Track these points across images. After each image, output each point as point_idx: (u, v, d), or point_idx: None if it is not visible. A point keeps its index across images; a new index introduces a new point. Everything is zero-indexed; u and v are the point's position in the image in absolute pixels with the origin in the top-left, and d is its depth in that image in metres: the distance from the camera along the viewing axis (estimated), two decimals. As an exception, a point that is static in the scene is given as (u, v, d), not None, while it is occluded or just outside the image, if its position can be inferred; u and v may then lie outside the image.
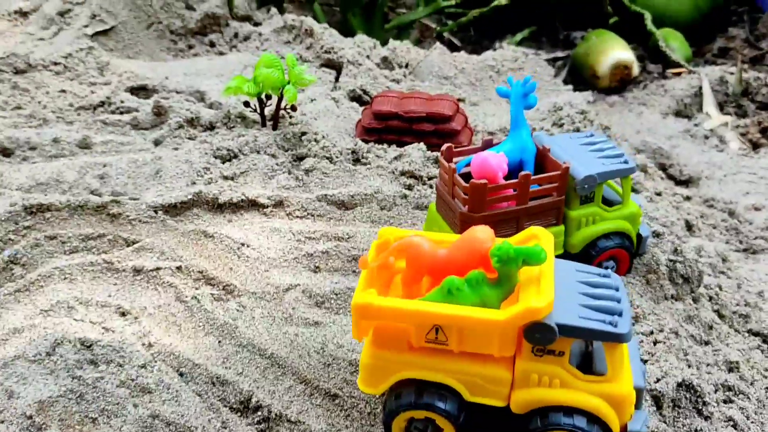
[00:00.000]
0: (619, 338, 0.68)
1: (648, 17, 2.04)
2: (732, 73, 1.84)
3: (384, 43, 1.66)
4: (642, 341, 0.90)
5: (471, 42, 2.21)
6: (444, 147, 0.93)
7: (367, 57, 1.56)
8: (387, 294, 0.77)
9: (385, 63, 1.56)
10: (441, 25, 2.25)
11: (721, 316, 1.05)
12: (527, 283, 0.71)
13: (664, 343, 0.90)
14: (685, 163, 1.51)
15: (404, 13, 2.16)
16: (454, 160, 0.94)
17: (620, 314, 0.69)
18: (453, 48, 2.13)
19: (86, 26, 1.60)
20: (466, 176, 0.93)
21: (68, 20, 1.64)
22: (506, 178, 0.89)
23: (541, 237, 0.75)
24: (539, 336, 0.68)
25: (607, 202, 0.97)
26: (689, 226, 1.28)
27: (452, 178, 0.89)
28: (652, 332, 0.91)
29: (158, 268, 0.98)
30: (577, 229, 0.93)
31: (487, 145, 0.95)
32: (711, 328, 1.01)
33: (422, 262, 0.74)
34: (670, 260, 1.00)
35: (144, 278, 0.98)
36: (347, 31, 1.89)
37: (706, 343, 0.98)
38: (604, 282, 0.73)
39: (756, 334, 1.05)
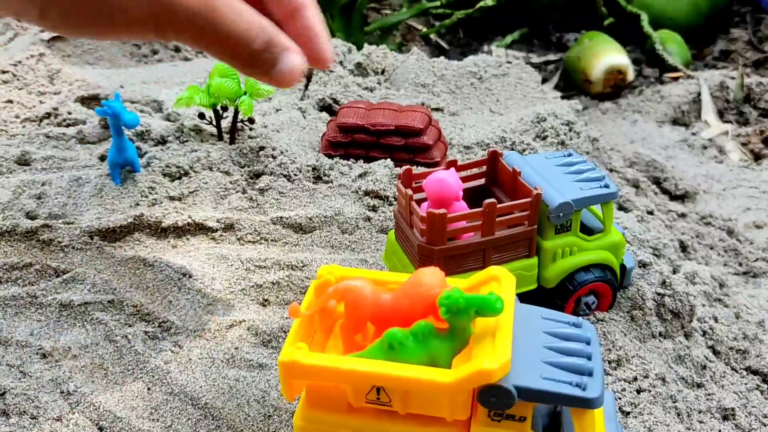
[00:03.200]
0: (587, 403, 0.58)
1: (645, 18, 1.94)
2: (733, 78, 1.73)
3: (362, 46, 1.56)
4: (624, 389, 0.80)
5: (459, 44, 2.11)
6: (402, 170, 0.83)
7: (340, 63, 1.46)
8: (327, 342, 0.67)
9: (359, 69, 1.45)
10: (428, 26, 2.15)
11: (716, 353, 0.95)
12: (482, 336, 0.60)
13: (649, 391, 0.80)
14: (681, 176, 1.40)
15: (389, 14, 2.06)
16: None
17: (590, 374, 0.59)
18: (440, 51, 2.04)
19: (42, 31, 1.50)
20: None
21: (24, 25, 1.54)
22: None
23: (502, 279, 0.65)
24: (495, 400, 0.58)
25: (587, 230, 0.86)
26: (684, 248, 1.18)
27: (409, 205, 0.79)
28: (635, 378, 0.81)
29: (87, 303, 0.88)
30: (552, 261, 0.83)
31: (451, 166, 0.85)
32: (704, 367, 0.90)
33: (363, 311, 0.64)
34: (658, 294, 0.90)
35: (71, 314, 0.88)
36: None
37: (699, 385, 0.88)
38: (573, 334, 0.63)
39: (755, 372, 0.95)
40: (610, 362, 0.83)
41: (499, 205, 0.77)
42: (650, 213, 1.21)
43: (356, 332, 0.66)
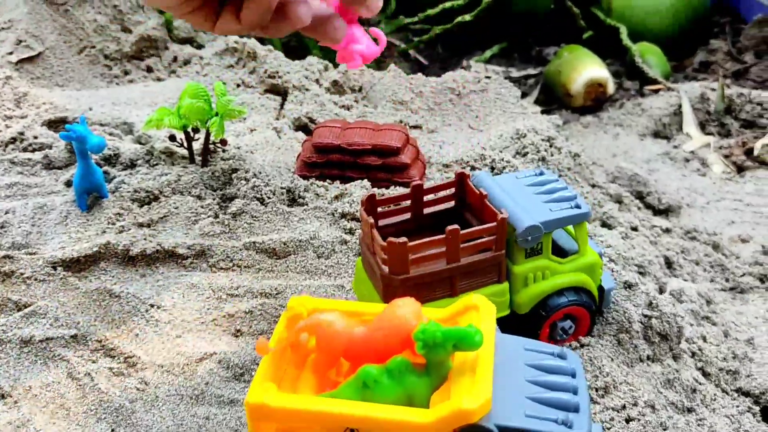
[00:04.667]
0: (574, 442, 0.55)
1: (624, 31, 1.93)
2: (714, 89, 1.72)
3: (339, 64, 1.53)
4: (612, 419, 0.77)
5: (439, 59, 2.09)
6: (365, 196, 0.79)
7: (316, 81, 1.43)
8: (299, 378, 0.63)
9: (336, 87, 1.43)
10: (407, 42, 2.13)
11: (705, 375, 0.92)
12: (461, 371, 0.57)
13: (639, 420, 0.77)
14: (664, 190, 1.38)
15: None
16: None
17: (576, 410, 0.56)
18: (420, 66, 2.01)
19: (11, 53, 1.46)
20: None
21: (-9, 47, 1.50)
22: None
23: (481, 309, 0.62)
24: (475, 441, 0.55)
25: (562, 252, 0.83)
26: (669, 264, 1.15)
27: (371, 233, 0.76)
28: (624, 407, 0.78)
29: (49, 339, 0.84)
30: (524, 286, 0.80)
31: (417, 190, 0.82)
32: (694, 391, 0.88)
33: (335, 346, 0.60)
34: (645, 316, 0.87)
35: (32, 351, 0.83)
36: (304, 50, 1.76)
37: (689, 410, 0.85)
38: (557, 366, 0.60)
39: (746, 393, 0.92)
40: (597, 390, 0.80)
41: (462, 231, 0.74)
42: (634, 229, 1.19)
43: (329, 368, 0.63)
